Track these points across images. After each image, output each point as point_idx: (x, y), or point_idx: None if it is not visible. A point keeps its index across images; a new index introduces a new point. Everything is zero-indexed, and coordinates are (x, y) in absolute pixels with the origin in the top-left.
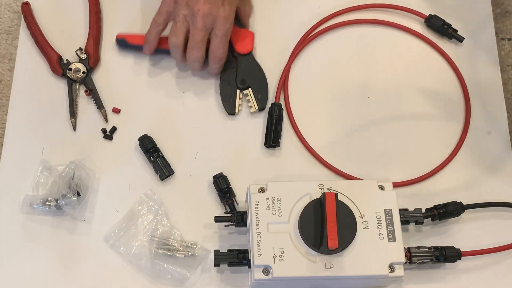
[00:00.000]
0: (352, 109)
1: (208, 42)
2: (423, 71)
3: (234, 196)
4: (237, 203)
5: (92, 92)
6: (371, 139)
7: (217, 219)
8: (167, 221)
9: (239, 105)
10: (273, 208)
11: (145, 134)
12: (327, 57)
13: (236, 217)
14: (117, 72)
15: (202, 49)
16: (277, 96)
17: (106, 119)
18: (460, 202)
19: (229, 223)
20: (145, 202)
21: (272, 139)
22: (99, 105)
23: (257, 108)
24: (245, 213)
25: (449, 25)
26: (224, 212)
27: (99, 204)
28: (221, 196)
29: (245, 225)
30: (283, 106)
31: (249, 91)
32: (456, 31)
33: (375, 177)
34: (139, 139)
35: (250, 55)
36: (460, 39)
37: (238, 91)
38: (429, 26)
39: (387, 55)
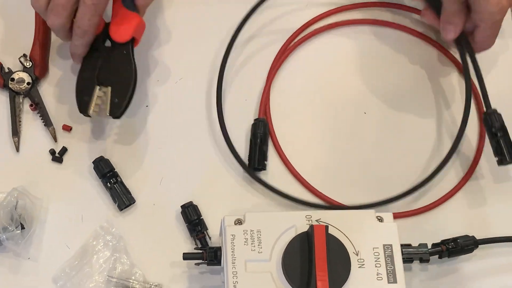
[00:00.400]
0: (346, 126)
1: None
2: (428, 81)
3: (206, 229)
4: (210, 238)
5: (38, 106)
6: (368, 162)
7: (186, 256)
8: (127, 259)
9: (95, 105)
10: (252, 244)
11: (101, 156)
12: (316, 65)
13: (209, 254)
14: (68, 83)
15: (63, 15)
16: (261, 111)
17: (55, 139)
18: (473, 237)
19: (200, 261)
20: (101, 236)
21: (257, 161)
22: (47, 122)
23: (108, 113)
24: (219, 249)
25: None
26: (194, 248)
27: (46, 239)
28: (190, 229)
29: (219, 263)
30: None
31: (107, 90)
32: None
33: (372, 207)
34: (93, 162)
35: (127, 46)
36: None
37: (97, 87)
38: None
39: (386, 62)
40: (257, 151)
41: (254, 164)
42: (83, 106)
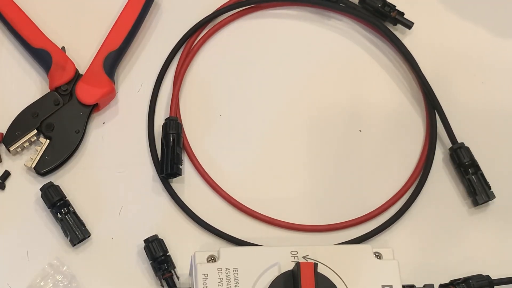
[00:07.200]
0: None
1: None
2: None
3: (174, 267)
4: (178, 277)
5: None
6: (362, 185)
7: None
8: None
9: (22, 146)
10: (227, 284)
11: (50, 182)
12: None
13: None
14: (8, 89)
15: None
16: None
17: None
18: (487, 276)
19: None
20: (50, 275)
21: (170, 165)
22: None
23: (33, 166)
24: None
25: (392, 6)
26: None
27: None
28: (155, 267)
29: None
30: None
31: (44, 142)
32: (402, 14)
33: (369, 242)
34: (41, 189)
35: (87, 109)
36: (409, 25)
37: (34, 131)
38: (365, 9)
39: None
40: (170, 154)
41: (167, 169)
42: (10, 138)
